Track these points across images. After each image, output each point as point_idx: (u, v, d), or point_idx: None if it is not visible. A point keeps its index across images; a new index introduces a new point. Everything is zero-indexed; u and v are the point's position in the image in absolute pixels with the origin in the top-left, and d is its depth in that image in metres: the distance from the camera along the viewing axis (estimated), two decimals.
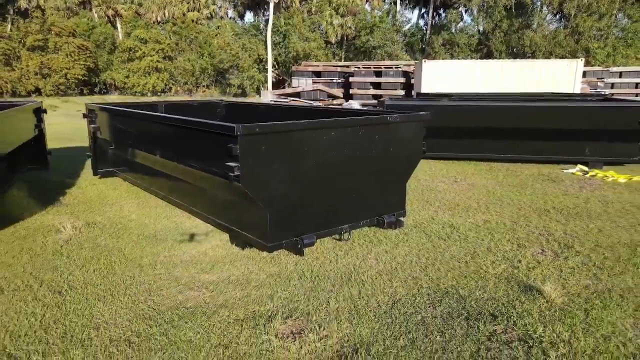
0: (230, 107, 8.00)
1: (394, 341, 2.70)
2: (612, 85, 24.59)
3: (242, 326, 2.87)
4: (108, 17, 49.87)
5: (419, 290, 3.36)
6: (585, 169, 7.88)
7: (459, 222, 5.02)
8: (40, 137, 7.20)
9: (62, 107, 26.84)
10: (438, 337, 2.75)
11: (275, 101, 23.98)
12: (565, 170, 7.86)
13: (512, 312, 3.03)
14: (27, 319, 2.97)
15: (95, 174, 7.00)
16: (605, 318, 2.95)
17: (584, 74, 23.32)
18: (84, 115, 6.87)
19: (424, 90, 16.36)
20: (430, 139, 8.10)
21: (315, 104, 23.05)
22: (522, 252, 4.13)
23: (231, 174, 3.44)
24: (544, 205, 5.70)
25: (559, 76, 16.45)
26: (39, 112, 7.16)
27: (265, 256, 3.96)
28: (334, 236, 4.29)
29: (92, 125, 6.72)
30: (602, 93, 22.58)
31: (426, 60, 17.92)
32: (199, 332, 2.80)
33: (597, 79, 22.91)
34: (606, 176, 7.40)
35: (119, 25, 49.34)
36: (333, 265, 3.81)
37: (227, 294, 3.30)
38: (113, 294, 3.33)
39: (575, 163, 8.09)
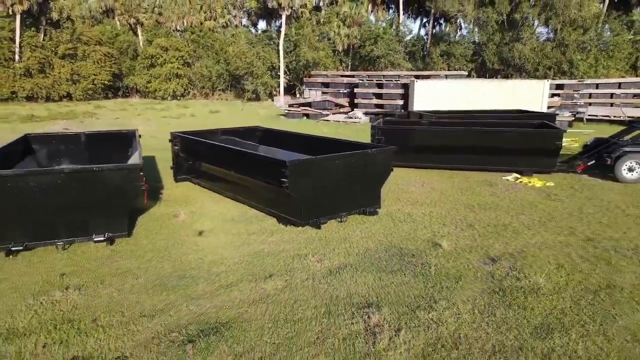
0: (265, 132, 11.28)
1: (363, 264, 5.91)
2: (590, 96, 27.51)
3: (293, 259, 6.10)
4: (130, 25, 53.07)
5: (380, 245, 6.58)
6: (518, 176, 11.04)
7: (414, 212, 8.22)
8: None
9: (99, 114, 30.11)
10: (384, 262, 5.96)
11: (288, 110, 27.24)
12: (503, 177, 11.01)
13: (423, 254, 6.24)
14: (191, 256, 6.23)
15: (175, 180, 10.28)
16: (466, 256, 6.15)
17: (562, 87, 26.31)
18: (170, 140, 10.16)
19: (416, 106, 19.48)
20: (413, 153, 11.31)
21: (325, 112, 26.27)
22: (443, 228, 7.33)
23: (283, 185, 6.68)
24: (473, 202, 8.89)
25: (530, 94, 19.48)
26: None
27: (299, 229, 7.18)
28: (337, 219, 7.51)
29: (175, 147, 10.01)
30: (578, 103, 25.58)
31: (417, 80, 20.98)
32: (272, 261, 6.03)
33: (574, 90, 25.82)
34: (529, 182, 10.56)
35: (139, 33, 52.55)
36: (336, 234, 7.03)
37: (282, 246, 6.54)
38: (226, 247, 6.58)
39: (512, 172, 11.25)
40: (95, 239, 6.39)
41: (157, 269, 5.79)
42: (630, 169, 10.35)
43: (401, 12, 42.89)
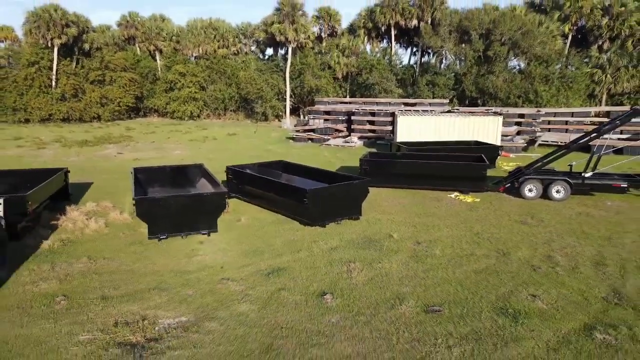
0: (287, 165, 16.53)
1: (349, 245, 11.09)
2: (549, 122, 32.83)
3: (311, 243, 11.27)
4: (149, 51, 58.45)
5: (359, 236, 11.75)
6: (459, 194, 16.24)
7: (382, 218, 13.41)
8: None
9: (134, 137, 35.39)
10: (360, 244, 11.15)
11: (295, 135, 32.51)
12: (449, 195, 16.21)
13: (381, 240, 11.42)
14: (256, 242, 11.43)
15: (228, 197, 15.44)
16: (405, 241, 11.34)
17: (523, 115, 31.58)
18: (225, 171, 15.38)
19: (399, 137, 24.77)
20: (388, 178, 16.51)
21: (326, 137, 31.55)
22: (397, 227, 12.51)
23: (304, 203, 11.91)
24: (421, 212, 14.08)
25: (487, 128, 24.69)
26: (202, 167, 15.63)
27: (313, 228, 12.34)
28: (335, 222, 12.70)
29: (229, 176, 15.24)
30: (536, 130, 30.81)
31: (400, 115, 26.23)
32: (300, 243, 11.21)
33: (532, 119, 31.06)
34: (464, 198, 15.75)
35: (158, 59, 57.91)
36: (334, 230, 12.22)
37: (304, 236, 11.73)
38: (273, 237, 11.75)
39: (455, 191, 16.45)
40: (202, 232, 11.60)
41: (239, 248, 10.97)
42: (530, 190, 15.55)
43: (393, 43, 48.45)
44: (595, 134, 16.67)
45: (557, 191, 15.31)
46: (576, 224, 12.83)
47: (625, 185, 15.23)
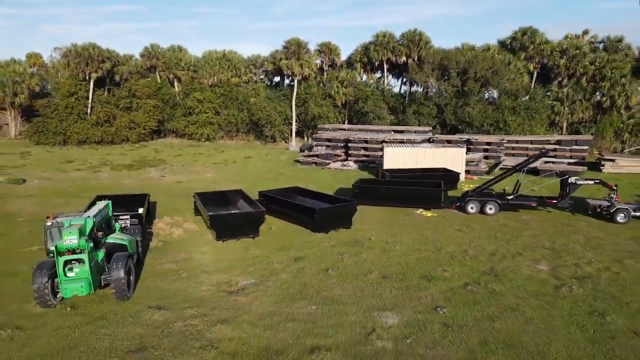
0: (300, 190, 23.14)
1: (342, 244, 17.61)
2: (513, 148, 39.43)
3: (318, 243, 17.79)
4: (169, 79, 65.37)
5: (350, 239, 18.26)
6: (422, 210, 22.77)
7: (366, 227, 19.92)
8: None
9: (166, 160, 41.88)
10: (349, 243, 17.67)
11: (302, 159, 39.12)
12: (416, 212, 22.75)
13: (364, 241, 17.98)
14: (284, 242, 17.96)
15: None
16: (379, 242, 17.91)
17: (490, 143, 38.19)
18: (258, 194, 21.94)
19: (386, 165, 31.40)
20: (374, 198, 23.25)
21: (327, 161, 38.18)
22: (375, 233, 19.03)
23: (314, 217, 18.47)
24: (393, 223, 20.61)
25: (455, 157, 31.26)
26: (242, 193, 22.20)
27: (319, 234, 18.86)
28: (334, 230, 19.22)
29: (261, 198, 21.81)
30: (500, 156, 37.39)
31: (386, 146, 32.84)
32: (311, 243, 17.72)
33: (497, 146, 37.66)
34: (426, 213, 22.28)
35: (176, 86, 64.77)
36: (333, 235, 18.74)
37: (314, 239, 18.23)
38: (294, 239, 18.27)
39: (421, 208, 22.97)
40: (249, 237, 18.11)
41: (274, 245, 17.46)
42: (472, 208, 22.08)
43: (385, 75, 55.36)
44: (520, 165, 23.23)
45: (490, 209, 21.84)
46: (494, 231, 19.34)
47: (534, 205, 21.80)
